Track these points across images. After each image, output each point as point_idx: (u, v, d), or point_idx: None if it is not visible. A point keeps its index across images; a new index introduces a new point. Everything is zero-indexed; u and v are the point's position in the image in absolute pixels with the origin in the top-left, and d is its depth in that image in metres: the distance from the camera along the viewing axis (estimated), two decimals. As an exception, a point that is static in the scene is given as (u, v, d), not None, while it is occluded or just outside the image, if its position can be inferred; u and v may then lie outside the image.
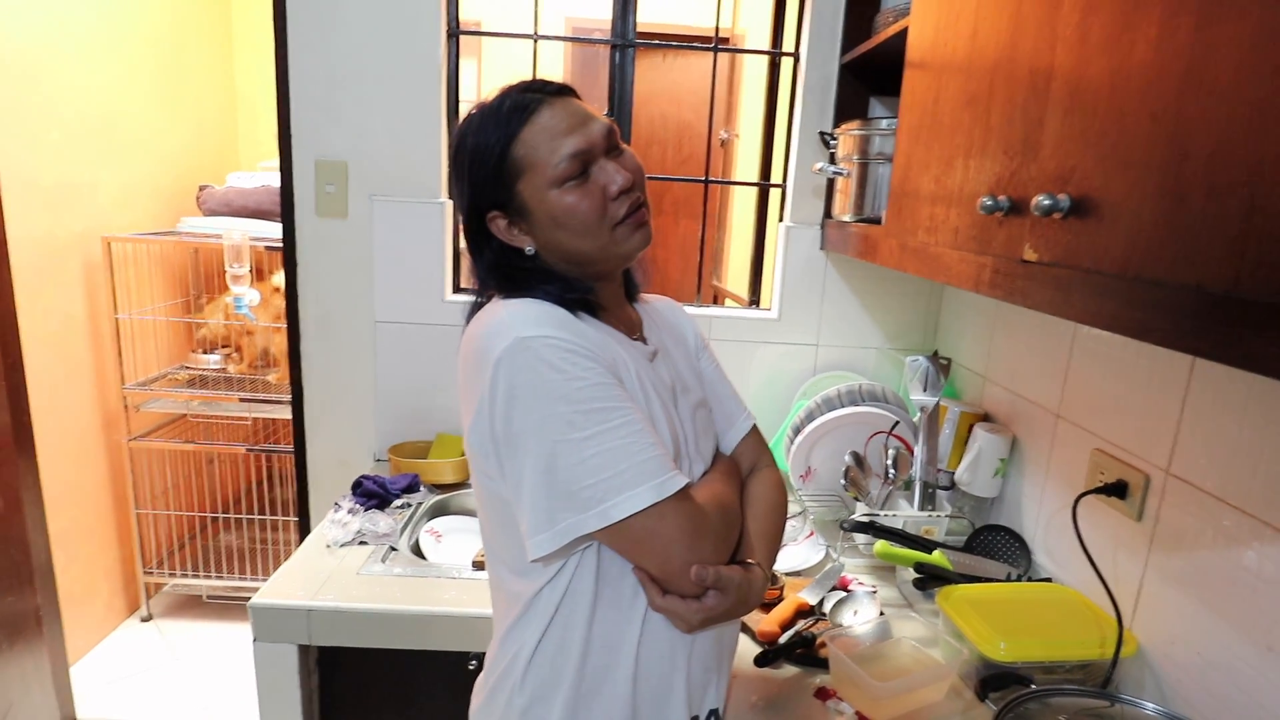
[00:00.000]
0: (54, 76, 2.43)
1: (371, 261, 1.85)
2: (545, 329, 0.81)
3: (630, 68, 1.82)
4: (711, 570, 0.81)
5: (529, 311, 0.84)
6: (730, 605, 0.84)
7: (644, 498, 0.78)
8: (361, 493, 1.64)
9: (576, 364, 0.80)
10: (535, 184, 0.87)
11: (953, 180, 1.07)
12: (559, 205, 0.87)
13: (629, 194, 0.89)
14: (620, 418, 0.80)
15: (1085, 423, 1.31)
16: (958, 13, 1.08)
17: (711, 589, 0.82)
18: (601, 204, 0.88)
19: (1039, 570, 1.41)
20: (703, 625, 0.85)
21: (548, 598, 0.86)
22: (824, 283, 1.89)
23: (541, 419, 0.79)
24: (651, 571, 0.83)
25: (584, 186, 0.87)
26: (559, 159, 0.86)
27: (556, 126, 0.87)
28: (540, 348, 0.79)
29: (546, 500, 0.79)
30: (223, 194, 2.83)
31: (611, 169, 0.88)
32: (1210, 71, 0.62)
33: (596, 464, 0.78)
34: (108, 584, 2.79)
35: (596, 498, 0.78)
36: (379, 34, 1.74)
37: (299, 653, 1.29)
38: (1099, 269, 0.75)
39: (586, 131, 0.88)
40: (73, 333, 2.58)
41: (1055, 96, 0.83)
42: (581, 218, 0.87)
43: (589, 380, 0.80)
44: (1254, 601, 0.95)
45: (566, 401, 0.78)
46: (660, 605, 0.84)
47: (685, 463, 0.91)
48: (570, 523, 0.79)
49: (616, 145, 0.91)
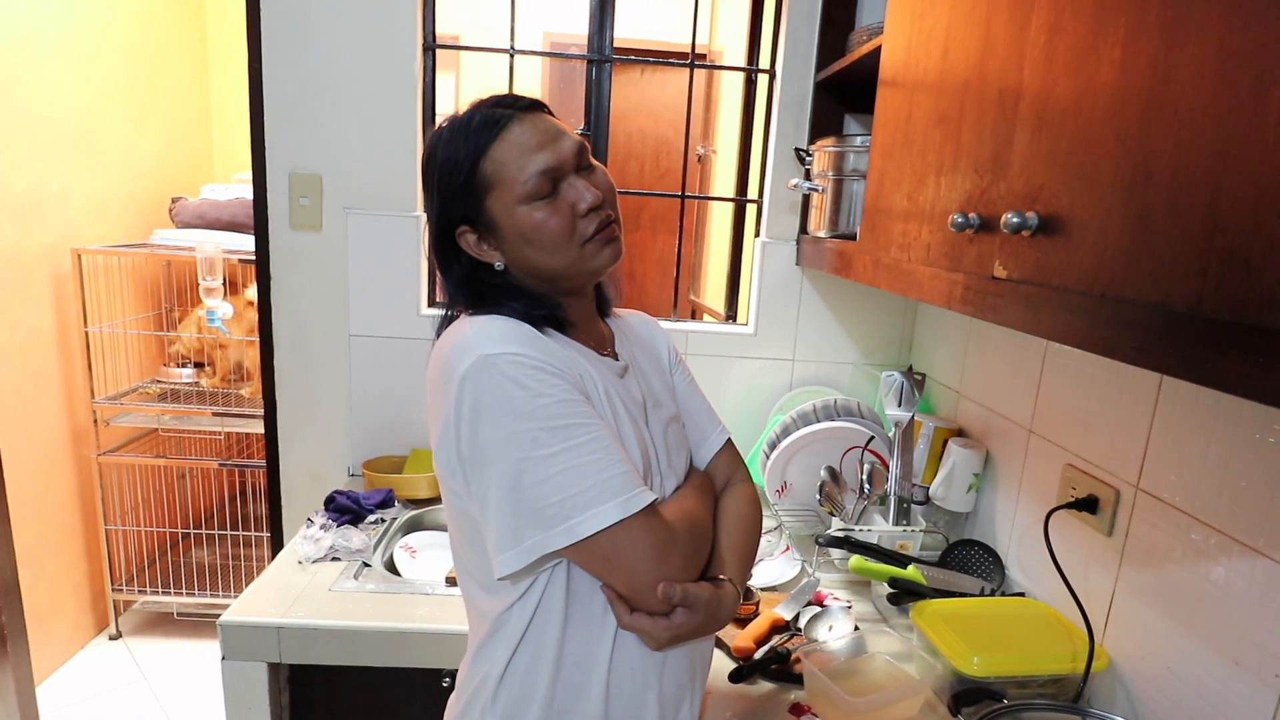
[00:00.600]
0: (25, 85, 2.40)
1: (346, 275, 1.83)
2: (510, 346, 0.80)
3: (607, 83, 1.83)
4: (679, 588, 0.81)
5: (494, 329, 0.83)
6: (699, 623, 0.83)
7: (610, 514, 0.77)
8: (334, 508, 1.62)
9: (542, 381, 0.79)
10: (504, 200, 0.87)
11: (925, 197, 1.08)
12: (527, 222, 0.87)
13: (598, 211, 0.89)
14: (586, 434, 0.79)
15: (1057, 438, 1.32)
16: (929, 32, 1.09)
17: (679, 607, 0.82)
18: (570, 221, 0.87)
19: (1012, 585, 1.42)
20: (671, 643, 0.84)
21: (518, 616, 0.85)
22: (800, 298, 1.90)
23: (506, 436, 0.78)
24: (619, 589, 0.83)
25: (553, 203, 0.87)
26: (528, 176, 0.86)
27: (526, 143, 0.87)
28: (505, 365, 0.79)
29: (512, 518, 0.79)
30: (196, 206, 2.80)
31: (581, 186, 0.88)
32: (1172, 92, 0.63)
33: (562, 481, 0.77)
34: (75, 601, 2.73)
35: (562, 515, 0.77)
36: (354, 46, 1.73)
37: (269, 671, 1.27)
38: (1067, 286, 0.75)
39: (556, 148, 0.87)
40: (41, 345, 2.53)
41: (1024, 116, 0.84)
42: (550, 235, 0.87)
43: (554, 397, 0.79)
44: (1222, 616, 0.96)
45: (531, 419, 0.78)
46: (628, 623, 0.83)
47: (656, 479, 0.91)
48: (535, 540, 0.78)
49: (587, 162, 0.91)
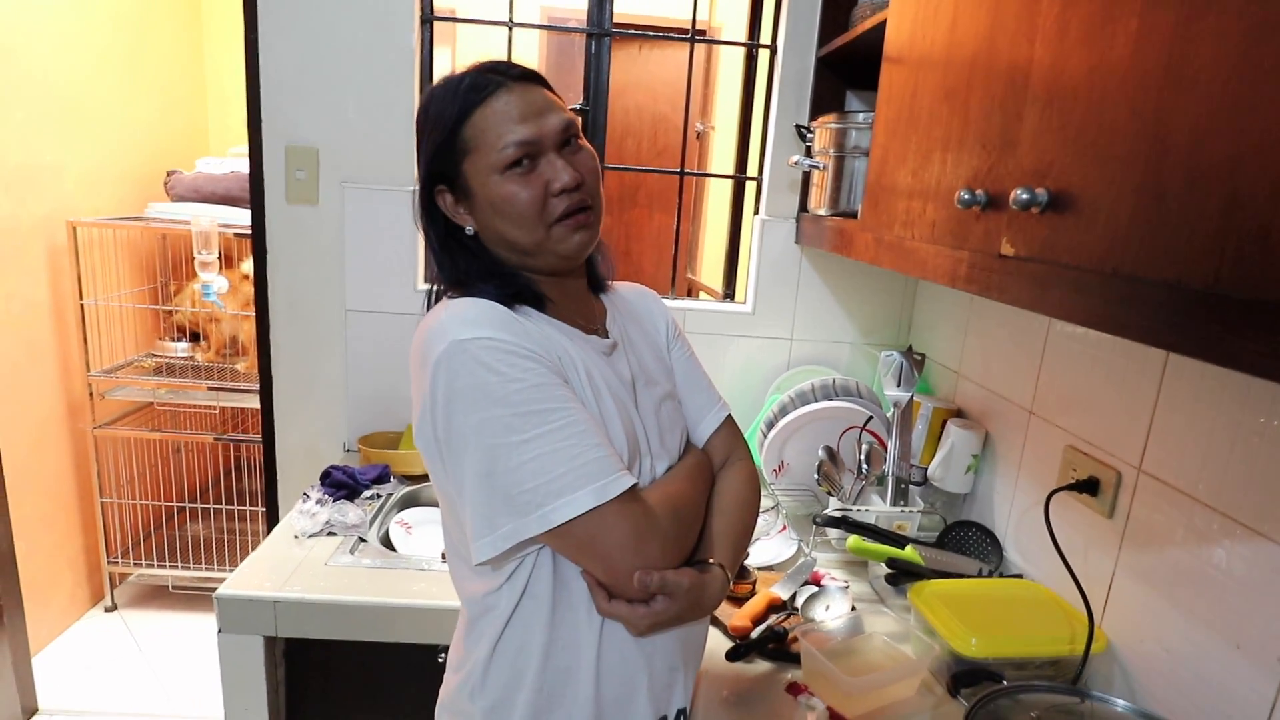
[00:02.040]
0: (21, 56, 2.36)
1: (342, 249, 1.81)
2: (483, 330, 0.79)
3: (606, 57, 1.80)
4: (656, 576, 0.79)
5: (468, 312, 0.82)
6: (680, 609, 0.82)
7: (584, 501, 0.76)
8: (330, 483, 1.61)
9: (514, 365, 0.78)
10: (479, 166, 0.86)
11: (930, 174, 1.06)
12: (498, 191, 0.86)
13: (572, 193, 0.87)
14: (561, 419, 0.78)
15: (1058, 419, 1.31)
16: (936, 6, 1.07)
17: (658, 594, 0.80)
18: (541, 198, 0.86)
19: (1010, 566, 1.42)
20: (652, 630, 0.83)
21: (505, 598, 0.85)
22: (799, 277, 1.88)
23: (479, 422, 0.77)
24: (597, 575, 0.82)
25: (526, 177, 0.86)
26: (504, 145, 0.85)
27: (509, 112, 0.85)
28: (477, 350, 0.78)
29: (487, 505, 0.78)
30: (191, 179, 2.77)
31: (559, 165, 0.86)
32: (1190, 67, 0.61)
33: (535, 467, 0.76)
34: (71, 573, 2.74)
35: (536, 502, 0.76)
36: (352, 18, 1.70)
37: (265, 644, 1.27)
38: (1077, 264, 0.74)
39: (539, 122, 0.86)
40: (36, 318, 2.52)
41: (1034, 91, 0.82)
42: (518, 208, 0.86)
43: (528, 381, 0.78)
44: (1223, 599, 0.96)
45: (504, 404, 0.77)
46: (606, 610, 0.82)
47: (645, 460, 0.90)
48: (510, 528, 0.77)
49: (573, 141, 0.89)
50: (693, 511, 0.90)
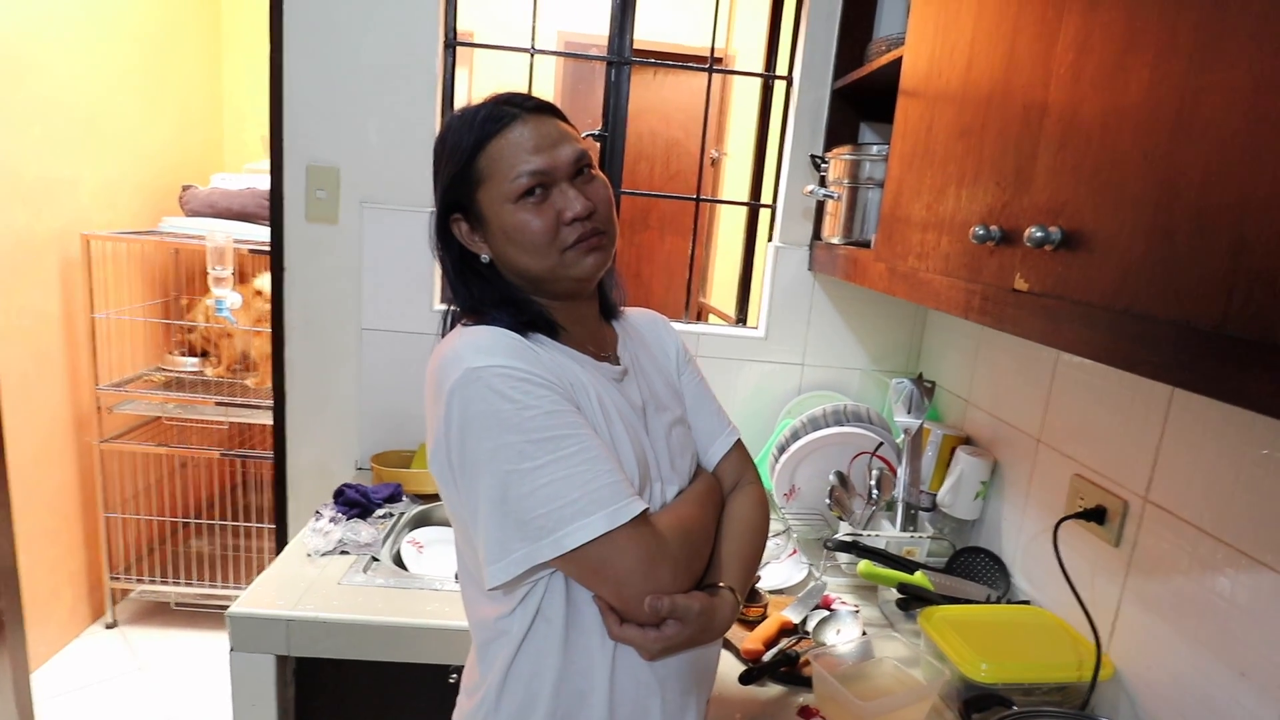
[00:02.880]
0: (40, 70, 2.40)
1: (360, 268, 1.84)
2: (496, 359, 0.81)
3: (626, 85, 1.84)
4: (667, 600, 0.80)
5: (482, 341, 0.84)
6: (692, 634, 0.82)
7: (597, 526, 0.77)
8: (343, 501, 1.63)
9: (528, 393, 0.80)
10: (492, 195, 0.89)
11: (945, 208, 1.09)
12: (511, 220, 0.88)
13: (584, 221, 0.89)
14: (573, 445, 0.80)
15: (1066, 448, 1.33)
16: (953, 46, 1.10)
17: (669, 619, 0.81)
18: (553, 227, 0.88)
19: (1018, 593, 1.43)
20: (664, 654, 0.84)
21: (519, 622, 0.86)
22: (811, 303, 1.91)
23: (493, 449, 0.79)
24: (608, 600, 0.83)
25: (539, 206, 0.88)
26: (517, 175, 0.87)
27: (523, 144, 0.88)
28: (491, 378, 0.80)
29: (500, 530, 0.79)
30: (206, 195, 2.81)
31: (571, 195, 0.89)
32: (1202, 115, 0.64)
33: (548, 493, 0.78)
34: (72, 589, 2.73)
35: (549, 527, 0.78)
36: (376, 41, 1.74)
37: (277, 663, 1.28)
38: (1089, 301, 0.77)
39: (552, 153, 0.88)
40: (47, 331, 2.54)
41: (1048, 131, 0.85)
42: (531, 237, 0.88)
43: (541, 409, 0.80)
44: (1228, 628, 0.98)
45: (518, 431, 0.79)
46: (618, 635, 0.83)
47: (655, 485, 0.91)
48: (523, 553, 0.79)
49: (585, 171, 0.92)
50: (703, 535, 0.91)
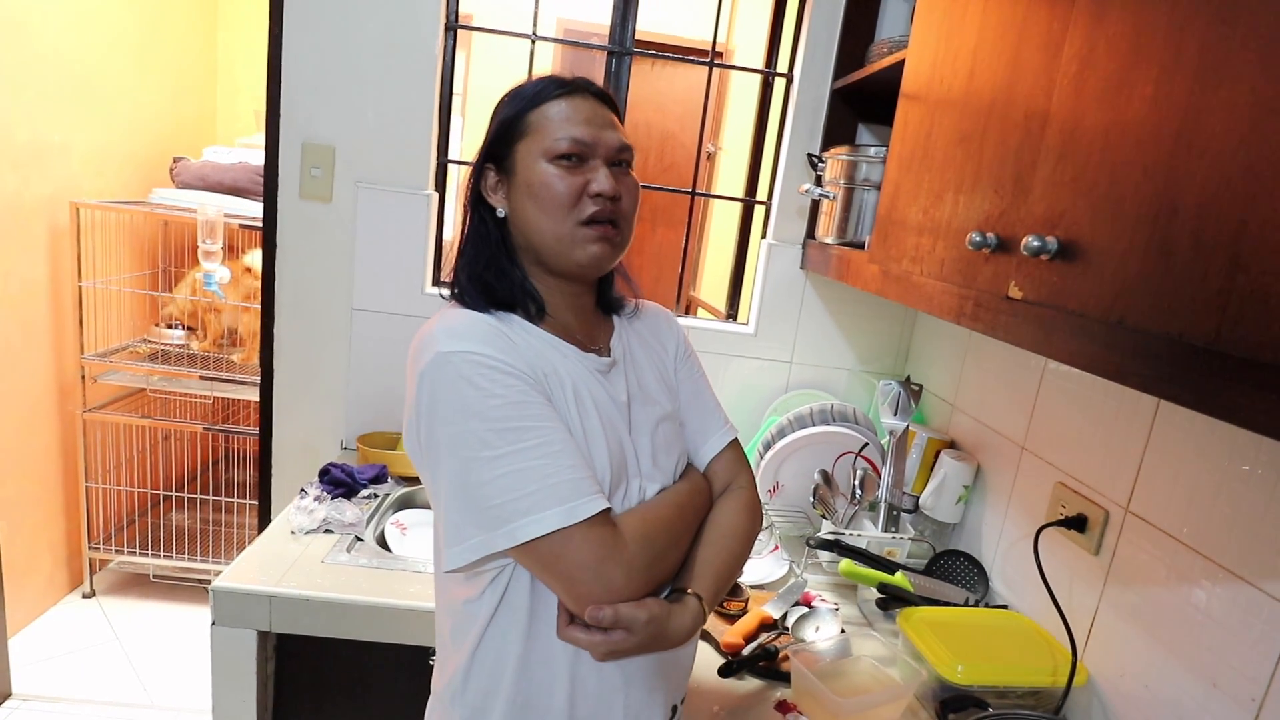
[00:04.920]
0: (34, 34, 2.37)
1: (353, 248, 1.83)
2: (469, 344, 0.82)
3: (626, 75, 1.83)
4: (609, 610, 0.78)
5: (457, 325, 0.84)
6: (640, 641, 0.80)
7: (551, 520, 0.77)
8: (329, 480, 1.62)
9: (496, 381, 0.80)
10: (531, 149, 0.90)
11: (941, 213, 1.10)
12: (540, 174, 0.89)
13: (606, 201, 0.90)
14: (535, 437, 0.80)
15: (1049, 456, 1.35)
16: (956, 52, 1.11)
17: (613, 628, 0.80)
18: (576, 193, 0.89)
19: (995, 597, 1.45)
20: (612, 658, 0.84)
21: (485, 606, 0.86)
22: (801, 302, 1.92)
23: (457, 434, 0.79)
24: (559, 596, 0.82)
25: (570, 171, 0.89)
26: (562, 135, 0.89)
27: (576, 115, 0.90)
28: (460, 363, 0.80)
29: (458, 515, 0.80)
30: (198, 168, 2.78)
31: (603, 174, 0.90)
32: (1203, 133, 0.65)
33: (506, 484, 0.78)
34: (51, 557, 2.72)
35: (504, 517, 0.78)
36: (377, 20, 1.72)
37: (258, 639, 1.28)
38: (1083, 311, 0.77)
39: (600, 132, 0.91)
40: (33, 298, 2.51)
41: (1049, 142, 0.86)
42: (552, 196, 0.89)
43: (507, 398, 0.80)
44: (1202, 639, 0.99)
45: (481, 419, 0.79)
46: (564, 634, 0.82)
47: (634, 481, 0.90)
48: (478, 540, 0.79)
49: (624, 164, 0.94)
50: (670, 539, 0.89)
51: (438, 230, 1.89)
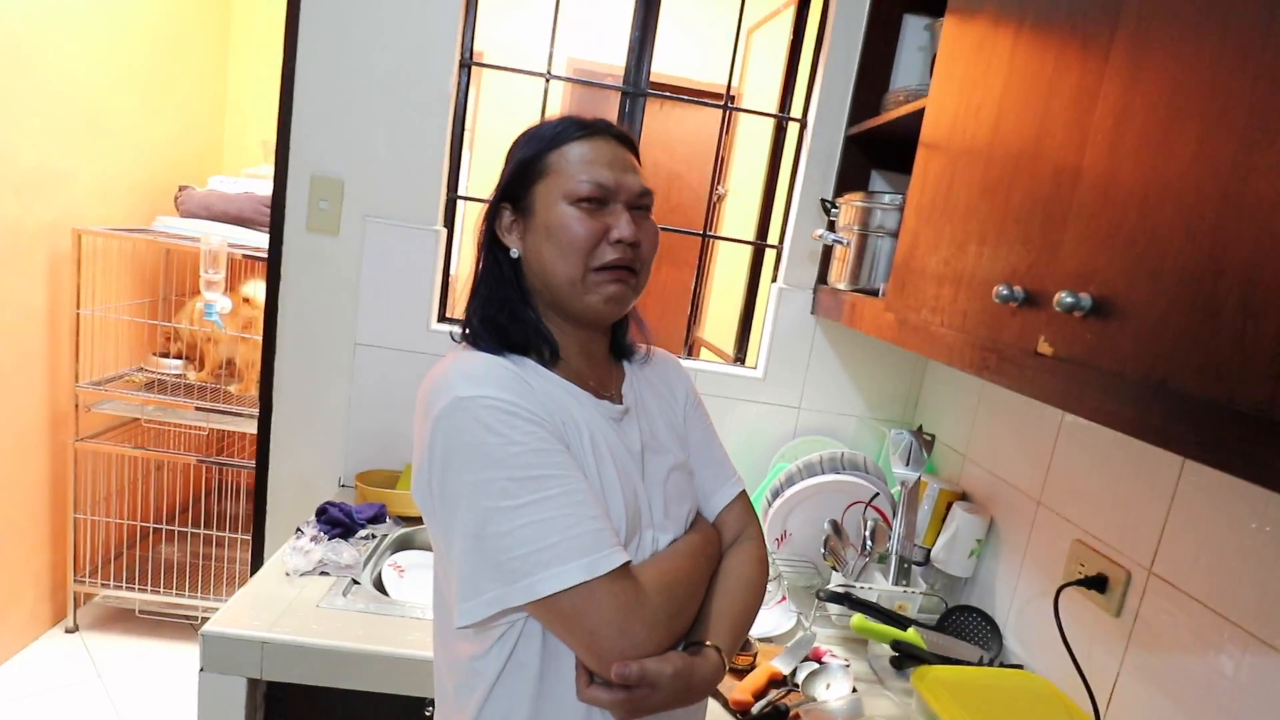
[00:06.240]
0: (44, 60, 2.36)
1: (358, 283, 1.81)
2: (487, 389, 0.79)
3: (641, 116, 1.83)
4: (635, 667, 0.75)
5: (474, 369, 0.82)
6: (665, 697, 0.77)
7: (572, 575, 0.74)
8: (326, 520, 1.58)
9: (515, 427, 0.78)
10: (551, 190, 0.88)
11: (964, 264, 1.08)
12: (559, 216, 0.87)
13: (626, 248, 0.88)
14: (557, 486, 0.77)
15: (1067, 512, 1.32)
16: (979, 103, 1.10)
17: (639, 685, 0.76)
18: (595, 238, 0.87)
19: (1010, 655, 1.41)
20: (634, 716, 0.79)
21: (492, 664, 0.82)
22: (811, 347, 1.90)
23: (475, 483, 0.76)
24: (579, 654, 0.79)
25: (591, 214, 0.87)
26: (584, 177, 0.87)
27: (598, 157, 0.89)
28: (478, 409, 0.77)
29: (473, 568, 0.76)
30: (203, 197, 2.77)
31: (624, 219, 0.88)
32: (1251, 193, 0.63)
33: (526, 535, 0.75)
34: (34, 590, 2.64)
35: (524, 570, 0.74)
36: (391, 55, 1.72)
37: (248, 687, 1.23)
38: (1120, 371, 0.75)
39: (623, 176, 0.89)
40: (30, 324, 2.48)
41: (1082, 197, 0.84)
42: (570, 238, 0.87)
43: (527, 446, 0.77)
44: (1230, 708, 0.96)
45: (501, 467, 0.76)
46: (586, 696, 0.79)
47: (648, 532, 0.88)
48: (495, 594, 0.75)
49: (644, 207, 0.92)
50: (689, 590, 0.86)
51: (445, 266, 1.88)
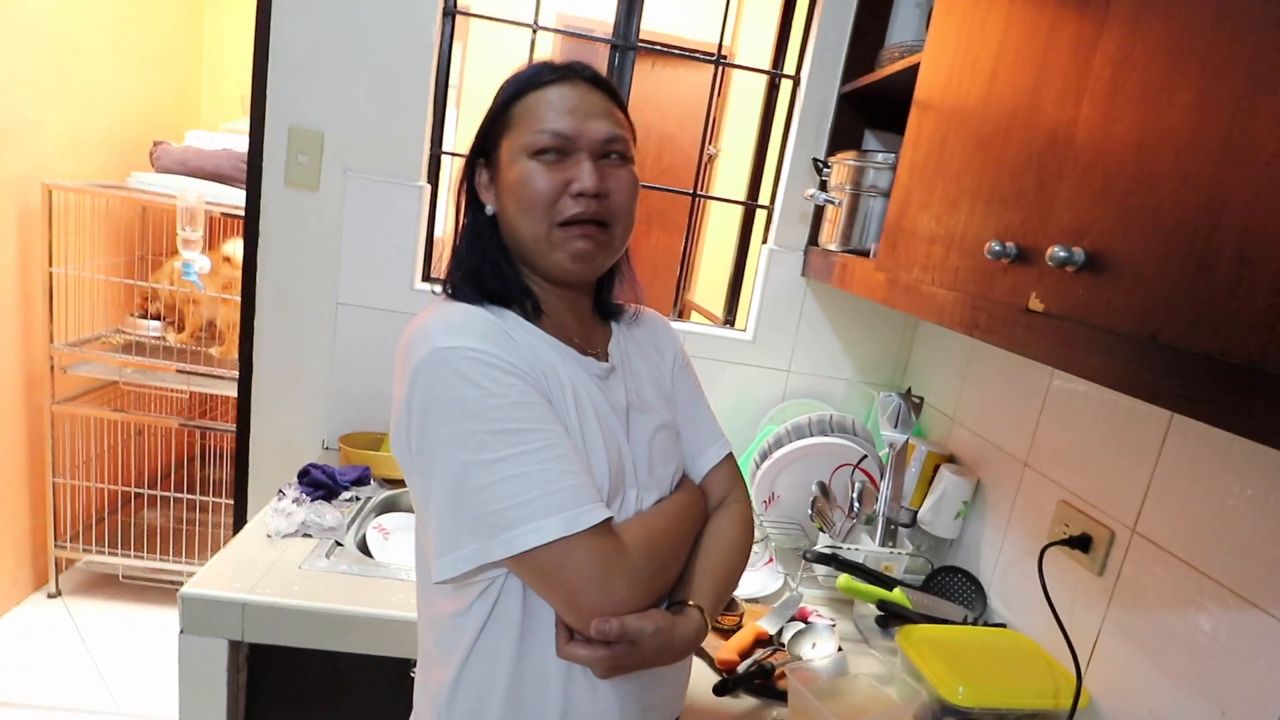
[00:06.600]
0: (8, 5, 2.27)
1: (339, 240, 1.77)
2: (467, 340, 0.77)
3: (629, 72, 1.79)
4: (616, 623, 0.74)
5: (454, 319, 0.80)
6: (645, 654, 0.77)
7: (552, 529, 0.73)
8: (308, 482, 1.56)
9: (495, 380, 0.76)
10: (514, 144, 0.86)
11: (956, 221, 1.06)
12: (520, 172, 0.85)
13: (589, 199, 0.84)
14: (537, 441, 0.76)
15: (1052, 473, 1.32)
16: (975, 57, 1.07)
17: (618, 642, 0.76)
18: (556, 192, 0.84)
19: (994, 615, 1.42)
20: (616, 673, 0.79)
21: (473, 621, 0.81)
22: (801, 309, 1.88)
23: (453, 436, 0.75)
24: (558, 609, 0.78)
25: (551, 167, 0.84)
26: (540, 128, 0.84)
27: (559, 103, 0.85)
28: (458, 360, 0.76)
29: (452, 522, 0.75)
30: (179, 152, 2.69)
31: (587, 168, 0.84)
32: (1251, 143, 0.61)
33: (505, 489, 0.74)
34: (14, 555, 2.62)
35: (502, 525, 0.73)
36: (372, 2, 1.66)
37: (229, 648, 1.22)
38: (1110, 327, 0.74)
39: (584, 123, 0.85)
40: (1, 283, 2.42)
41: (1077, 150, 0.83)
42: (531, 194, 0.84)
43: (507, 398, 0.76)
44: (1211, 665, 0.97)
45: (480, 419, 0.75)
46: (565, 652, 0.78)
47: (631, 491, 0.87)
48: (473, 549, 0.74)
49: (615, 155, 0.88)
50: (671, 550, 0.86)
51: (429, 224, 1.84)
